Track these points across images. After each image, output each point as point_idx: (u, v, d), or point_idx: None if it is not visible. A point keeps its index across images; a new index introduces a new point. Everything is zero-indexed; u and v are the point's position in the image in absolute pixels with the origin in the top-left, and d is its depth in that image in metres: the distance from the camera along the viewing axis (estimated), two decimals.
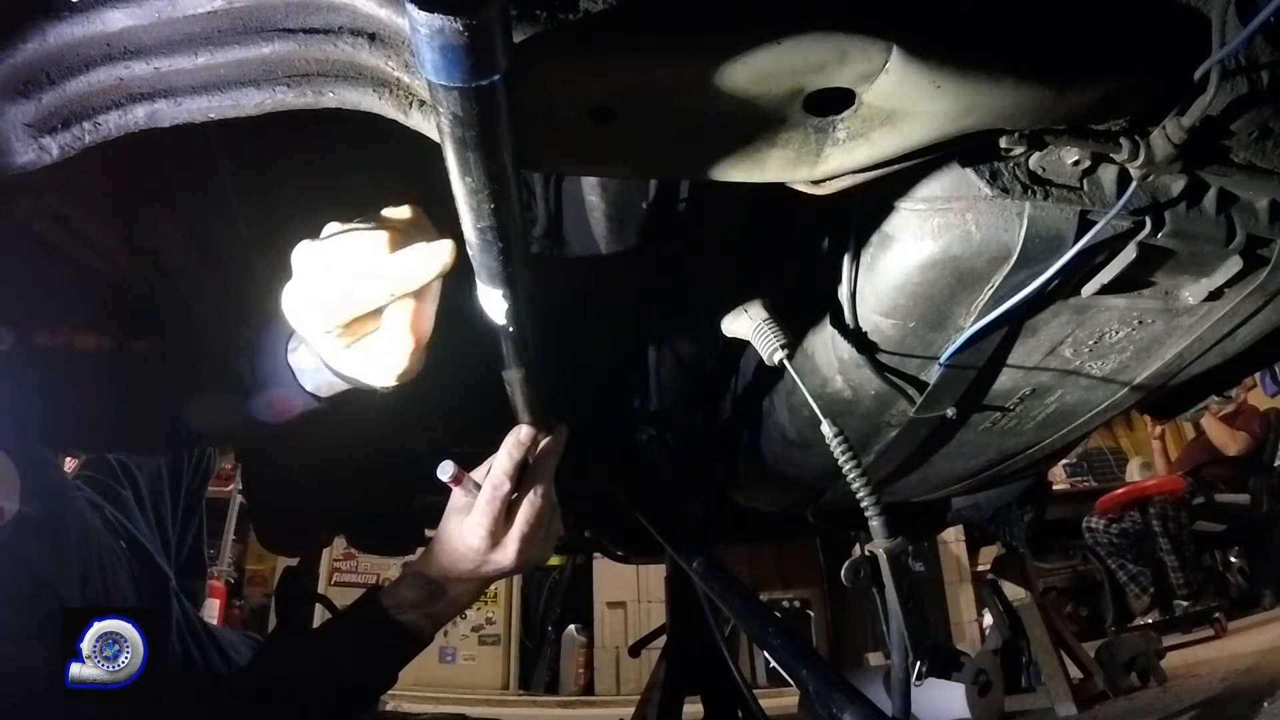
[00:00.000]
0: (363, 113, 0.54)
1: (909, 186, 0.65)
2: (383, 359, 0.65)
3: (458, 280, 0.61)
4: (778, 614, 1.29)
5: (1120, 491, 4.52)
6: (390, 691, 1.17)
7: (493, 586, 2.25)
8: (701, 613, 1.74)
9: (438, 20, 0.37)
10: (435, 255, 0.58)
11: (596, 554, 3.32)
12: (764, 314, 0.84)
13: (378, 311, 0.63)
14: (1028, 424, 0.96)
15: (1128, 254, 0.66)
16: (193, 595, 1.58)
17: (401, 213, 0.64)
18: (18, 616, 0.92)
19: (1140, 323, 0.77)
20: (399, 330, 0.63)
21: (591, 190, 0.89)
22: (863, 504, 0.71)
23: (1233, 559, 4.53)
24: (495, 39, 0.40)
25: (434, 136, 0.49)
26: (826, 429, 0.74)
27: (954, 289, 0.68)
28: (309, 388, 0.76)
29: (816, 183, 0.59)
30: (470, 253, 0.57)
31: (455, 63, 0.39)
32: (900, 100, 0.51)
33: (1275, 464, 4.31)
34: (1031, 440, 1.02)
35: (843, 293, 0.76)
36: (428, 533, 1.68)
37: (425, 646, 1.02)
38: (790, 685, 1.05)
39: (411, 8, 0.37)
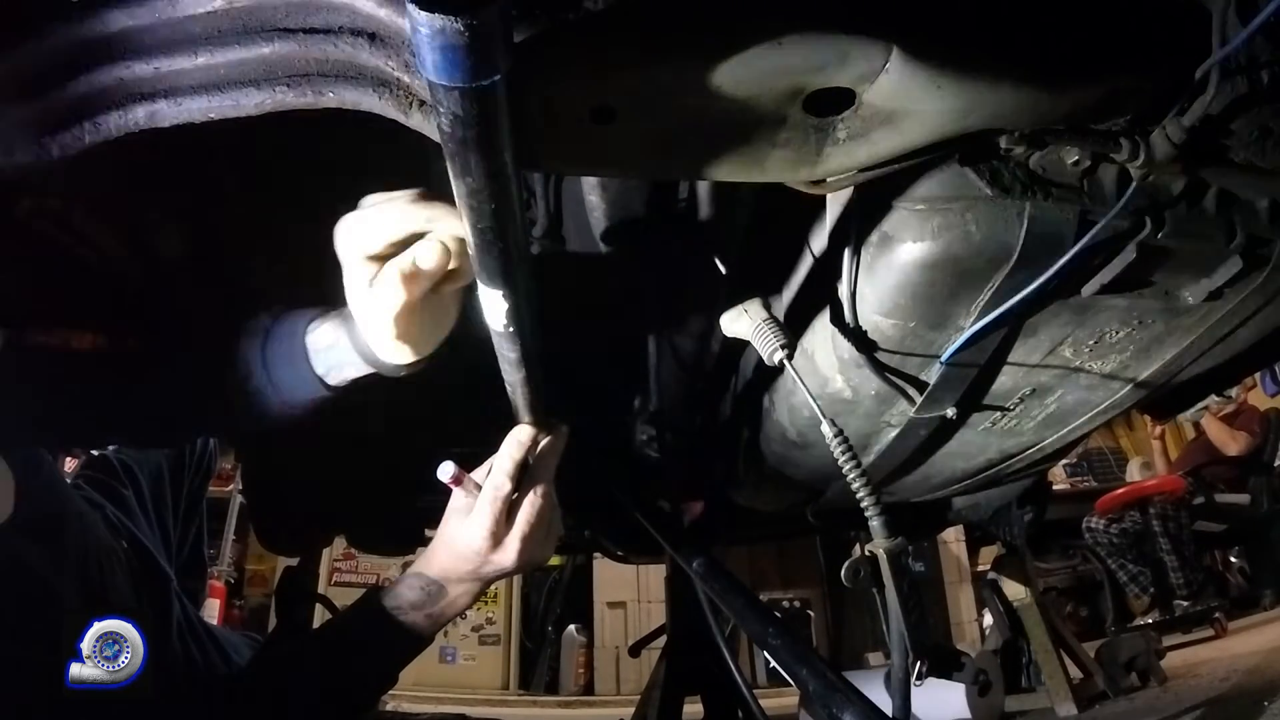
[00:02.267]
0: (363, 113, 0.54)
1: (909, 186, 0.65)
2: (381, 303, 0.69)
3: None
4: (778, 614, 1.29)
5: (1120, 491, 4.52)
6: (390, 691, 1.16)
7: (493, 586, 2.25)
8: (701, 613, 1.74)
9: (438, 20, 0.37)
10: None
11: (596, 554, 3.31)
12: (764, 314, 0.84)
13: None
14: (1028, 424, 0.96)
15: (1128, 254, 0.66)
16: (193, 595, 1.57)
17: (411, 192, 0.68)
18: (17, 617, 0.92)
19: (1140, 322, 0.77)
20: (390, 274, 0.67)
21: (591, 190, 0.88)
22: (863, 504, 0.70)
23: (1233, 559, 4.54)
24: (496, 39, 0.39)
25: (434, 137, 0.49)
26: (826, 429, 0.74)
27: (954, 289, 0.68)
28: (320, 370, 0.78)
29: (816, 183, 0.59)
30: (470, 253, 0.57)
31: (456, 63, 0.39)
32: (900, 100, 0.51)
33: (1275, 464, 4.31)
34: (1032, 440, 1.02)
35: (842, 292, 0.76)
36: (428, 533, 1.68)
37: (426, 647, 1.01)
38: (790, 685, 1.04)
39: (412, 8, 0.37)
